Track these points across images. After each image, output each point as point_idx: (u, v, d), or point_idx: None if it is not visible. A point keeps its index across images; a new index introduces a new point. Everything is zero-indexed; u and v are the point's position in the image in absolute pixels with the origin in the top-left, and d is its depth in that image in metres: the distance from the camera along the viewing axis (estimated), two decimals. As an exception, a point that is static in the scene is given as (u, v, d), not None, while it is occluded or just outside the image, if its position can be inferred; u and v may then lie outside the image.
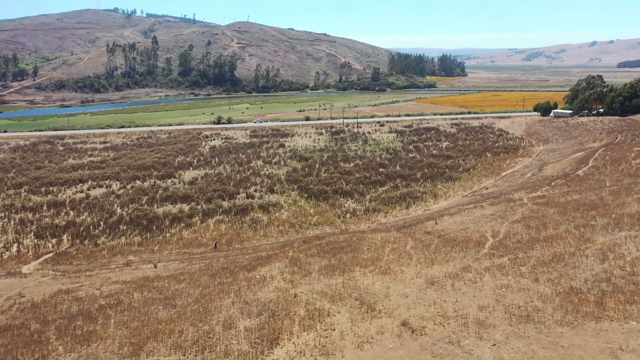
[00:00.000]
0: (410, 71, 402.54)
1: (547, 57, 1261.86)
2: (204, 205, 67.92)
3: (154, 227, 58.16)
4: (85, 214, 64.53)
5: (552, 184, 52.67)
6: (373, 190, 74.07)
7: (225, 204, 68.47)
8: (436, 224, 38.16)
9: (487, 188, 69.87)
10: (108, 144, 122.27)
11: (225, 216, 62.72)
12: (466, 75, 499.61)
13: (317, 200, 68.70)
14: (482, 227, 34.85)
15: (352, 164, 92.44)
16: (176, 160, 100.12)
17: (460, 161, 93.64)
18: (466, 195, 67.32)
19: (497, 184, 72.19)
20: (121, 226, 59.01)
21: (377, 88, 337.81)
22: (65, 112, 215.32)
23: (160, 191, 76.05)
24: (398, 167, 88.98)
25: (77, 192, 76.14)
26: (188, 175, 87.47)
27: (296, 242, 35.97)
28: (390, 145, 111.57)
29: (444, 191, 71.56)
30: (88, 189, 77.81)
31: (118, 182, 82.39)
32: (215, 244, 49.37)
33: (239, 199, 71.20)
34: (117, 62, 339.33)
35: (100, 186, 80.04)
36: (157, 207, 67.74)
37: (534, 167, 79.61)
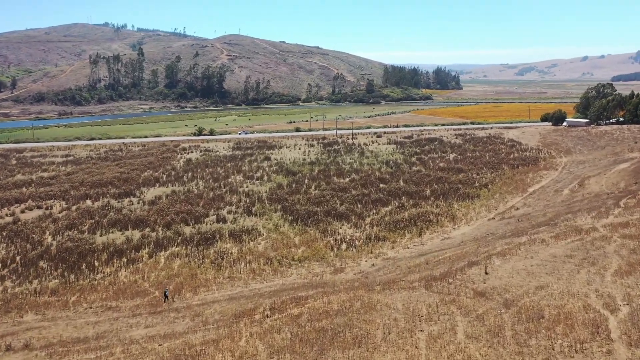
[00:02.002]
0: (405, 84, 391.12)
1: (539, 71, 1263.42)
2: (160, 232, 53.36)
3: (84, 265, 43.41)
4: (3, 245, 49.62)
5: (621, 204, 38.64)
6: (374, 211, 59.83)
7: (187, 230, 53.93)
8: (486, 273, 23.84)
9: (518, 208, 55.84)
10: (70, 157, 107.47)
11: (184, 247, 48.10)
12: (461, 88, 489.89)
13: (304, 225, 54.30)
14: (572, 285, 20.58)
15: (347, 179, 78.38)
16: (142, 175, 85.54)
17: (474, 175, 79.85)
18: (493, 218, 53.22)
19: (527, 202, 58.21)
20: (41, 263, 44.20)
21: (371, 100, 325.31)
22: (38, 125, 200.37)
23: (111, 213, 61.39)
24: (402, 183, 75.03)
25: (5, 215, 61.19)
26: (152, 193, 72.97)
27: (260, 309, 21.56)
28: (390, 158, 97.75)
29: (462, 212, 57.39)
30: (22, 211, 62.98)
31: (63, 202, 67.64)
32: (166, 293, 34.55)
33: (206, 224, 56.66)
34: (100, 74, 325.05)
35: (40, 207, 65.20)
36: (100, 235, 53.07)
37: (568, 181, 65.87)
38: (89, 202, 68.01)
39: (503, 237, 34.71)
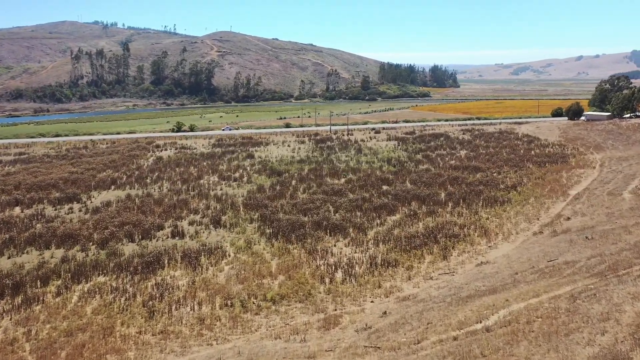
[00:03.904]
0: (401, 81, 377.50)
1: (534, 71, 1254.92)
2: (92, 252, 39.41)
3: (-47, 309, 29.38)
4: None
5: None
6: (378, 221, 46.11)
7: (129, 249, 40.02)
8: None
9: (568, 218, 42.26)
10: (24, 156, 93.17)
11: (114, 277, 34.14)
12: (459, 87, 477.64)
13: (287, 241, 40.48)
14: None
15: (343, 180, 64.71)
16: (98, 176, 71.46)
17: (495, 174, 66.44)
18: (540, 232, 39.61)
19: (577, 209, 44.68)
20: None
21: (367, 97, 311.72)
22: (8, 122, 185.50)
23: (38, 225, 47.34)
24: (409, 184, 61.53)
25: None
26: (103, 197, 59.03)
27: None
28: (392, 155, 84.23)
29: (495, 223, 43.75)
30: None
31: (-16, 210, 53.46)
32: None
33: (157, 240, 42.75)
34: (83, 70, 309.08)
35: (-50, 217, 50.93)
36: (9, 257, 39.08)
37: (619, 181, 52.56)
38: (17, 209, 54.00)
39: (596, 274, 20.99)
